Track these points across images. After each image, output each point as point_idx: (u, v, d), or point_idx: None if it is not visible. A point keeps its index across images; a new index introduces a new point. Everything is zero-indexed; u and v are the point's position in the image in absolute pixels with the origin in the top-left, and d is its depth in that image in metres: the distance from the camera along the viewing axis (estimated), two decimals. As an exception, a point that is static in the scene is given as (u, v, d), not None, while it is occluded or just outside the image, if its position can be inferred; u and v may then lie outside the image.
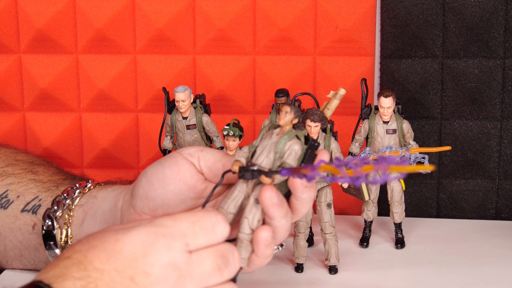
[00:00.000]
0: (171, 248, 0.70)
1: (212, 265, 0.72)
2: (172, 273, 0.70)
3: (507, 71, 1.15)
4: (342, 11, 1.16)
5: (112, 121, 1.24)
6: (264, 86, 1.21)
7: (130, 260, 0.69)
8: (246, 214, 0.79)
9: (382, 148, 1.05)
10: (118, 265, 0.68)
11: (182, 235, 0.71)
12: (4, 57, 1.23)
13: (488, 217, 1.20)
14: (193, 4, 1.19)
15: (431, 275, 0.99)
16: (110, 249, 0.69)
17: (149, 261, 0.69)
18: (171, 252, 0.70)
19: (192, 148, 0.86)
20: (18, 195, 0.95)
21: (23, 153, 1.04)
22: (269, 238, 0.78)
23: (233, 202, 0.80)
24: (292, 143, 0.78)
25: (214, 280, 0.73)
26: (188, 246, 0.71)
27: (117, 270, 0.68)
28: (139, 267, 0.69)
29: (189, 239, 0.71)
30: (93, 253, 0.69)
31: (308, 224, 1.02)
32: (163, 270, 0.69)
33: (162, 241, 0.70)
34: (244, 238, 0.79)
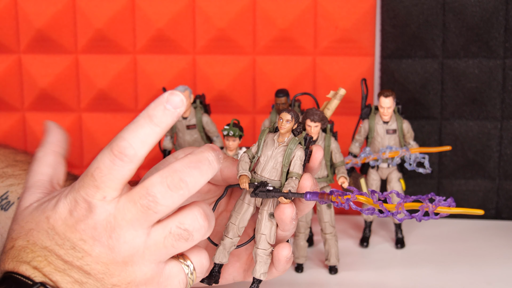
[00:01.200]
0: (92, 207, 0.70)
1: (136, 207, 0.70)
2: (103, 230, 0.70)
3: (507, 71, 1.15)
4: (342, 11, 1.16)
5: (112, 121, 1.24)
6: (264, 86, 1.21)
7: (65, 233, 0.70)
8: (262, 230, 0.80)
9: (382, 148, 1.05)
10: (58, 240, 0.70)
11: (95, 189, 0.70)
12: (4, 57, 1.23)
13: (488, 217, 1.20)
14: (193, 4, 1.19)
15: (431, 275, 0.99)
16: (45, 227, 0.71)
17: (79, 228, 0.70)
18: (93, 211, 0.70)
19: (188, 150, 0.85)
20: (18, 196, 0.95)
21: (22, 153, 1.04)
22: (289, 255, 0.80)
23: (245, 215, 0.81)
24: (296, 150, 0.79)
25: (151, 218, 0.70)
26: (106, 198, 0.70)
27: (58, 244, 0.70)
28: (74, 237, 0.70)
29: (103, 191, 0.70)
30: (33, 235, 0.71)
31: (308, 224, 1.02)
32: (94, 231, 0.70)
33: (83, 205, 0.70)
34: (264, 254, 0.80)
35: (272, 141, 0.80)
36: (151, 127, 0.70)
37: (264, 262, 0.80)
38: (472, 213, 0.74)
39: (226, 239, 0.81)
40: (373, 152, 1.06)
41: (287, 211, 0.78)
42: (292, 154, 0.79)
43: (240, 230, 0.81)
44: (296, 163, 0.79)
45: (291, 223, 0.79)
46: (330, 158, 0.98)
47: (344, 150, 1.10)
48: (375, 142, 1.06)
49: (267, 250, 0.80)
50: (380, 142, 1.05)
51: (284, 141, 0.80)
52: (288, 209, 0.78)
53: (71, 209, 0.70)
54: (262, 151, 0.80)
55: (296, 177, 0.78)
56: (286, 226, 0.80)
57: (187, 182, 0.70)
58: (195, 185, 0.71)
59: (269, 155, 0.80)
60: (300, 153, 0.79)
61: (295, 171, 0.79)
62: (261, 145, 0.81)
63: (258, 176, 0.80)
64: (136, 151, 0.70)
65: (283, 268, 0.81)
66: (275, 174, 0.79)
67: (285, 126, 0.79)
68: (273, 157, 0.80)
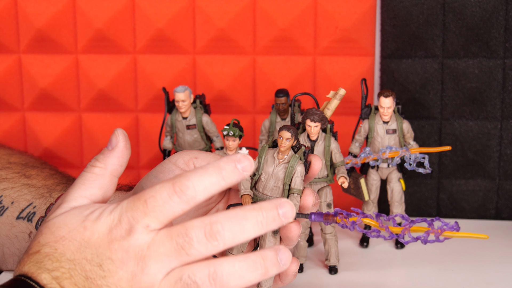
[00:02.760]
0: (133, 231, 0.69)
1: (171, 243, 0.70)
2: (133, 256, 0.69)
3: (507, 71, 1.15)
4: (342, 11, 1.16)
5: (112, 121, 1.24)
6: (264, 86, 1.21)
7: (97, 248, 0.69)
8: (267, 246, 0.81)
9: (382, 148, 1.05)
10: (87, 254, 0.69)
11: (143, 215, 0.70)
12: (4, 57, 1.23)
13: (488, 217, 1.20)
14: (193, 4, 1.19)
15: (431, 275, 0.99)
16: (79, 238, 0.70)
17: (112, 247, 0.69)
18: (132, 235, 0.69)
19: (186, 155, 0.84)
20: (12, 201, 0.95)
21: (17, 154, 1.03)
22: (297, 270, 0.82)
23: None
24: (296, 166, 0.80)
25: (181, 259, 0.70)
26: (149, 227, 0.70)
27: (87, 259, 0.69)
28: (105, 254, 0.69)
29: (149, 219, 0.70)
30: (63, 244, 0.70)
31: (308, 224, 1.02)
32: (125, 254, 0.69)
33: (125, 226, 0.70)
34: None
35: (272, 158, 0.81)
36: (218, 178, 0.70)
37: (270, 277, 0.81)
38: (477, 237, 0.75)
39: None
40: (373, 152, 1.06)
41: (294, 230, 0.80)
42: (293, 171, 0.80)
43: (243, 247, 0.83)
44: (297, 179, 0.80)
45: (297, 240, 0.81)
46: (330, 158, 0.98)
47: (344, 150, 1.10)
48: (375, 142, 1.06)
49: None
50: (380, 142, 1.05)
51: (284, 158, 0.81)
52: (295, 228, 0.79)
53: (112, 226, 0.70)
54: (263, 168, 0.81)
55: (298, 193, 0.79)
56: (291, 242, 0.81)
57: (224, 236, 0.69)
58: (233, 241, 0.70)
59: (270, 172, 0.81)
60: (301, 169, 0.81)
61: (296, 187, 0.80)
62: (261, 162, 0.81)
63: (260, 194, 0.81)
64: (196, 195, 0.70)
65: (289, 281, 0.82)
66: (277, 192, 0.81)
67: (285, 144, 0.80)
68: (274, 175, 0.81)
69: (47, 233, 0.71)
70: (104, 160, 0.77)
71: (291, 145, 0.81)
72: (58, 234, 0.70)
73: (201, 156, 0.84)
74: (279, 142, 0.80)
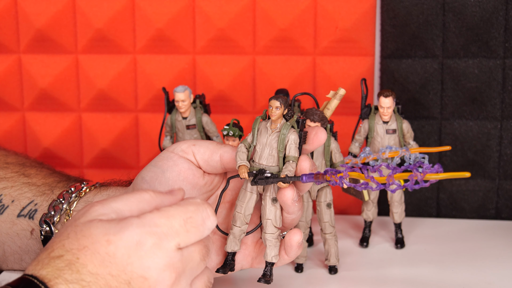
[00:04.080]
0: (165, 250, 0.69)
1: (199, 257, 0.73)
2: (170, 274, 0.69)
3: (507, 71, 1.15)
4: (342, 11, 1.16)
5: (112, 121, 1.24)
6: (264, 86, 1.21)
7: (125, 265, 0.68)
8: (267, 215, 0.83)
9: (382, 148, 1.05)
10: (113, 269, 0.67)
11: (175, 235, 0.70)
12: (4, 57, 1.23)
13: (488, 217, 1.20)
14: (193, 4, 1.19)
15: (431, 275, 0.99)
16: (102, 252, 0.68)
17: (145, 265, 0.68)
18: (165, 253, 0.69)
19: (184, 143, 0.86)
20: (12, 199, 0.94)
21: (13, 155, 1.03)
22: (301, 240, 0.83)
23: (249, 203, 0.84)
24: (289, 134, 0.81)
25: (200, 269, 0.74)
26: (179, 245, 0.71)
27: (112, 275, 0.67)
28: (135, 272, 0.68)
29: (181, 239, 0.71)
30: (85, 255, 0.67)
31: (308, 224, 1.02)
32: (161, 272, 0.69)
33: (157, 243, 0.69)
34: (272, 238, 0.83)
35: (265, 129, 0.82)
36: None
37: (274, 245, 0.83)
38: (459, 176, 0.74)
39: (234, 228, 0.84)
40: (373, 152, 1.06)
41: (288, 194, 0.81)
42: (286, 139, 0.81)
43: (246, 218, 0.84)
44: (291, 146, 0.81)
45: (294, 205, 0.82)
46: (330, 158, 0.98)
47: (344, 150, 1.10)
48: (375, 142, 1.06)
49: (274, 234, 0.83)
50: (380, 142, 1.05)
51: (277, 127, 0.82)
52: (288, 191, 0.81)
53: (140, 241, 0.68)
54: (257, 139, 0.82)
55: (293, 161, 0.81)
56: (289, 208, 0.82)
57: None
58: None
59: (264, 142, 0.82)
60: (294, 137, 0.81)
61: (291, 154, 0.81)
62: (255, 134, 0.82)
63: (256, 165, 0.82)
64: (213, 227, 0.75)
65: (294, 254, 0.84)
66: (272, 161, 0.81)
67: (275, 112, 0.81)
68: (268, 144, 0.82)
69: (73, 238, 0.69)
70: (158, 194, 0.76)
71: (281, 114, 0.81)
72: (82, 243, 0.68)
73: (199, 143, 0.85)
74: (269, 112, 0.81)
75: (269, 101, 0.82)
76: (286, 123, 0.82)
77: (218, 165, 0.85)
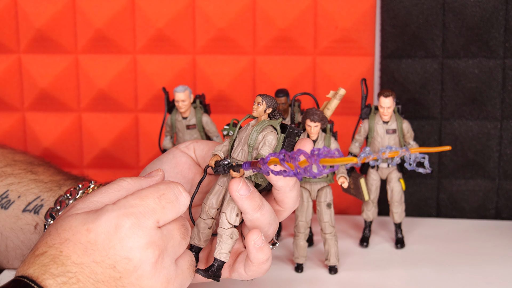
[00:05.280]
0: (145, 228, 0.70)
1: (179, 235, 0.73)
2: (153, 252, 0.70)
3: (507, 71, 1.15)
4: (342, 11, 1.16)
5: (112, 121, 1.24)
6: (264, 86, 1.21)
7: (107, 249, 0.69)
8: (224, 208, 0.80)
9: (382, 148, 1.05)
10: (97, 256, 0.69)
11: (152, 212, 0.71)
12: (4, 57, 1.23)
13: (488, 217, 1.20)
14: (193, 4, 1.19)
15: (431, 275, 0.99)
16: (84, 241, 0.69)
17: (127, 246, 0.69)
18: (145, 232, 0.70)
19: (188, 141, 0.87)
20: (19, 195, 0.95)
21: (21, 153, 1.04)
22: (258, 241, 0.78)
23: (215, 196, 0.82)
24: (266, 133, 0.79)
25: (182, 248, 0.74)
26: (158, 223, 0.71)
27: (96, 261, 0.68)
28: (118, 254, 0.69)
29: (159, 215, 0.71)
30: (68, 247, 0.69)
31: (308, 224, 1.02)
32: (144, 251, 0.69)
33: (135, 222, 0.70)
34: (223, 233, 0.80)
35: (248, 126, 0.81)
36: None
37: (224, 242, 0.79)
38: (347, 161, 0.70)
39: (198, 219, 0.82)
40: (373, 152, 1.06)
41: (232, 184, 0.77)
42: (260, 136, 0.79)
43: (211, 211, 0.81)
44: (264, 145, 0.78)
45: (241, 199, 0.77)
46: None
47: (344, 150, 1.10)
48: (375, 142, 1.06)
49: (227, 230, 0.79)
50: (380, 142, 1.05)
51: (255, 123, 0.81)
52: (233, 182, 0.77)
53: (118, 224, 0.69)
54: (238, 134, 0.81)
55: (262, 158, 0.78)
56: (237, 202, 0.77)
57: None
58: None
59: (241, 137, 0.81)
60: (270, 137, 0.79)
61: (261, 152, 0.78)
62: (236, 129, 0.81)
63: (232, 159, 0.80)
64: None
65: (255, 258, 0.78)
66: (242, 155, 0.79)
67: (256, 109, 0.80)
68: (244, 139, 0.80)
69: (55, 233, 0.71)
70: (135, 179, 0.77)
71: (263, 111, 0.80)
72: (64, 236, 0.70)
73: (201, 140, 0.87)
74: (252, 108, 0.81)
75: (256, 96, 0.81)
76: (264, 120, 0.80)
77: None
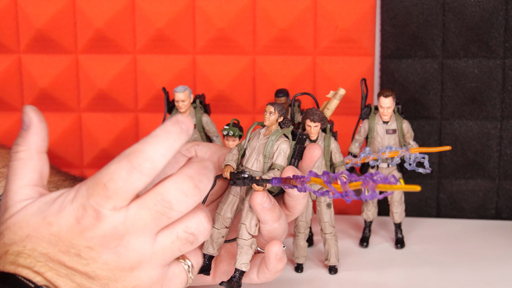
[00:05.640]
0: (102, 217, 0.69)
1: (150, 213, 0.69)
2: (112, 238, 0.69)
3: (507, 71, 1.15)
4: (342, 11, 1.16)
5: (112, 121, 1.24)
6: (264, 86, 1.21)
7: (70, 240, 0.69)
8: (243, 219, 0.81)
9: (382, 148, 1.05)
10: (61, 247, 0.69)
11: (106, 199, 0.69)
12: (4, 57, 1.23)
13: (488, 217, 1.20)
14: (193, 4, 1.19)
15: (431, 275, 0.99)
16: (47, 234, 0.69)
17: (87, 236, 0.68)
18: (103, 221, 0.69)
19: (189, 143, 0.86)
20: None
21: None
22: (280, 253, 0.79)
23: (229, 206, 0.82)
24: (280, 143, 0.80)
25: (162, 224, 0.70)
26: (116, 207, 0.69)
27: (62, 251, 0.69)
28: (80, 244, 0.69)
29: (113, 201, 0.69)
30: (31, 241, 0.69)
31: (308, 224, 1.02)
32: (103, 239, 0.69)
33: (92, 214, 0.69)
34: (244, 244, 0.81)
35: (258, 134, 0.81)
36: (170, 142, 0.70)
37: (245, 253, 0.81)
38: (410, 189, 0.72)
39: (213, 230, 0.82)
40: (373, 152, 1.06)
41: (256, 198, 0.78)
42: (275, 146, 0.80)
43: (226, 221, 0.82)
44: (279, 156, 0.79)
45: (264, 212, 0.78)
46: (330, 158, 0.98)
47: (344, 150, 1.10)
48: (375, 142, 1.06)
49: (247, 240, 0.80)
50: (380, 142, 1.05)
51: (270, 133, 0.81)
52: (257, 195, 0.78)
53: (78, 216, 0.69)
54: (248, 143, 0.81)
55: (278, 169, 0.79)
56: (259, 215, 0.79)
57: (200, 188, 0.70)
58: (205, 191, 0.71)
59: (253, 147, 0.81)
60: (285, 146, 0.80)
61: (277, 162, 0.79)
62: (247, 137, 0.82)
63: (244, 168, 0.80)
64: (155, 165, 0.69)
65: (274, 267, 0.80)
66: (257, 165, 0.80)
67: (268, 118, 0.80)
68: (257, 149, 0.80)
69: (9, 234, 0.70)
70: (24, 142, 0.75)
71: (275, 120, 0.80)
72: (23, 233, 0.69)
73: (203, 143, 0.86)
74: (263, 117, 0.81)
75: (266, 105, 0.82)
76: (278, 129, 0.81)
77: (216, 166, 0.85)
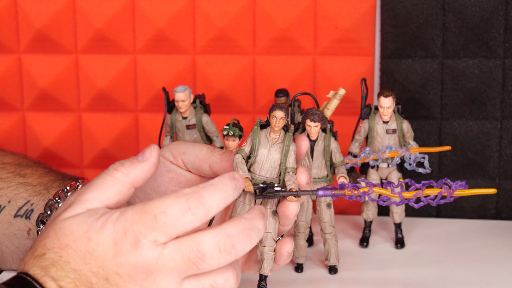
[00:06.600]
0: (140, 246, 0.69)
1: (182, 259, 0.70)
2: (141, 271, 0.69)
3: (507, 71, 1.15)
4: (342, 11, 1.16)
5: (112, 121, 1.24)
6: (264, 86, 1.21)
7: (103, 261, 0.69)
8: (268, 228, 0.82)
9: (382, 148, 1.05)
10: (93, 266, 0.69)
11: (150, 230, 0.69)
12: (4, 57, 1.23)
13: (488, 217, 1.20)
14: (193, 4, 1.19)
15: (431, 275, 0.99)
16: (83, 249, 0.69)
17: (119, 262, 0.69)
18: (139, 250, 0.69)
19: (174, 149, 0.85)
20: (9, 200, 0.95)
21: (10, 154, 1.03)
22: (291, 250, 0.84)
23: None
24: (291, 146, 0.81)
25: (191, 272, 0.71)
26: (156, 242, 0.69)
27: (92, 271, 0.69)
28: (111, 268, 0.69)
29: (157, 234, 0.69)
30: (68, 253, 0.69)
31: (308, 224, 1.02)
32: (132, 269, 0.69)
33: (131, 240, 0.69)
34: (270, 251, 0.83)
35: (265, 139, 0.81)
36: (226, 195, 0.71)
37: (271, 259, 0.83)
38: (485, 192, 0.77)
39: None
40: (373, 152, 1.06)
41: (292, 208, 0.81)
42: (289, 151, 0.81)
43: None
44: (291, 158, 0.80)
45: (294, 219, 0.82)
46: (330, 158, 0.98)
47: (344, 150, 1.10)
48: (375, 142, 1.06)
49: (272, 247, 0.83)
50: (380, 142, 1.05)
51: (277, 137, 0.81)
52: (294, 206, 0.81)
53: (116, 238, 0.69)
54: (259, 150, 0.81)
55: (293, 172, 0.80)
56: (288, 221, 0.82)
57: (237, 249, 0.71)
58: (243, 252, 0.71)
59: (265, 154, 0.81)
60: (293, 147, 0.81)
61: (290, 166, 0.80)
62: (255, 145, 0.81)
63: (256, 176, 0.81)
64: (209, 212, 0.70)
65: (284, 262, 0.84)
66: (274, 172, 0.81)
67: (280, 124, 0.80)
68: (270, 156, 0.80)
69: (53, 237, 0.70)
70: (129, 168, 0.76)
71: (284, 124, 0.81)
72: (64, 242, 0.70)
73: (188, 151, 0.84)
74: (273, 122, 0.80)
75: (271, 110, 0.81)
76: (288, 134, 0.81)
77: (209, 173, 0.85)
